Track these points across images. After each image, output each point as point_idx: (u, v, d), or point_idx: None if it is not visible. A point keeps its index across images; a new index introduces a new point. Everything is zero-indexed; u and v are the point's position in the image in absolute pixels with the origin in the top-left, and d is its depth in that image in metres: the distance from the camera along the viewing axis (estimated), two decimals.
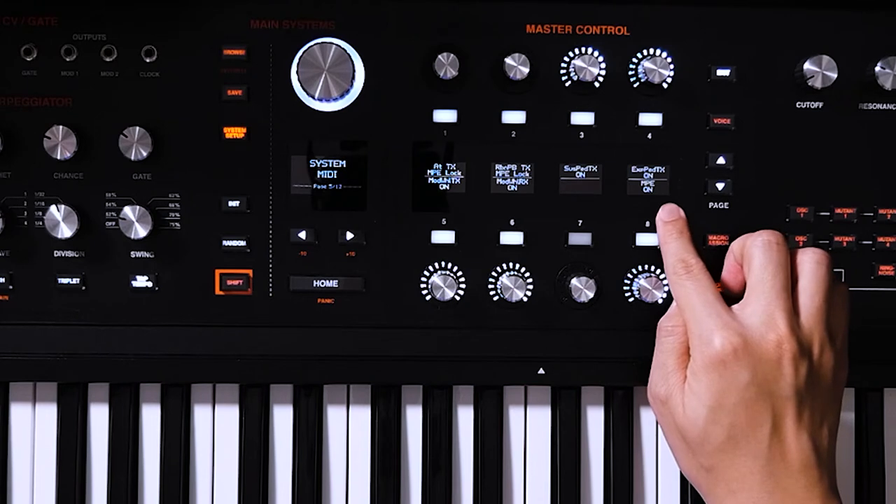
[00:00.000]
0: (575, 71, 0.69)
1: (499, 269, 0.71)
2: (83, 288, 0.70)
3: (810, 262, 0.65)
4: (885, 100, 0.71)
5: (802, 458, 0.61)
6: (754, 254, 0.65)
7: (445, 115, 0.70)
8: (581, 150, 0.71)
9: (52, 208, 0.68)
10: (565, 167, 0.71)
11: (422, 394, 0.75)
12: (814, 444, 0.62)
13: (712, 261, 0.70)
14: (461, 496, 0.75)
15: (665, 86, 0.70)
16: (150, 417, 0.74)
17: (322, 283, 0.71)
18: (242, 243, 0.70)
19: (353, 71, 0.68)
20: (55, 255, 0.70)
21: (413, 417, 0.75)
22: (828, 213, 0.72)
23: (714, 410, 0.62)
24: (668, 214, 0.69)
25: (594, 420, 0.76)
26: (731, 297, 0.67)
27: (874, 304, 0.73)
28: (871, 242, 0.72)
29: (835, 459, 0.64)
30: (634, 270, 0.72)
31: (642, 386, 0.74)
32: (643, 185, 0.71)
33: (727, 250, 0.69)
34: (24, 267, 0.70)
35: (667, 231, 0.68)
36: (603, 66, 0.69)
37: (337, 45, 0.68)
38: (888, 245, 0.72)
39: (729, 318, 0.63)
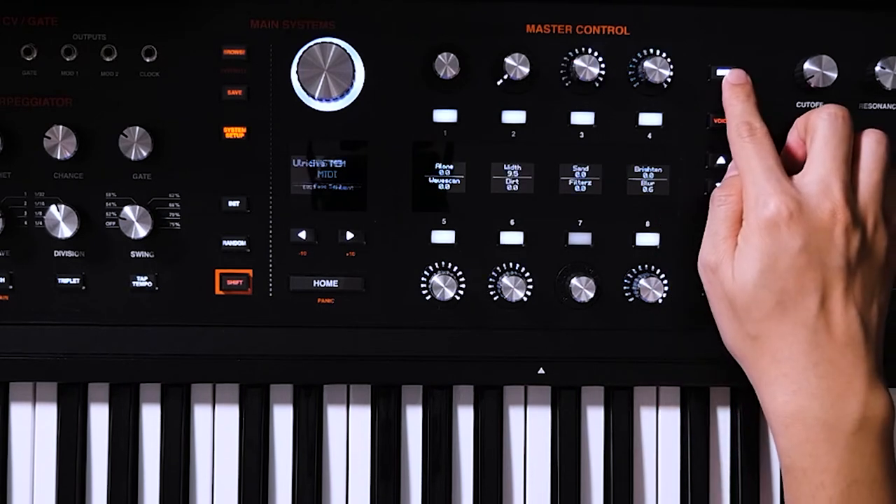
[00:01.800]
0: (575, 71, 0.69)
1: (499, 269, 0.71)
2: (83, 288, 0.70)
3: (871, 140, 0.66)
4: (886, 100, 0.71)
5: (850, 332, 0.62)
6: (818, 125, 0.65)
7: (445, 115, 0.70)
8: (581, 149, 0.71)
9: (52, 208, 0.68)
10: (565, 167, 0.71)
11: (422, 394, 0.75)
12: (862, 320, 0.62)
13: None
14: (461, 496, 0.75)
15: (665, 86, 0.70)
16: (150, 417, 0.74)
17: (322, 283, 0.71)
18: (242, 243, 0.71)
19: (353, 71, 0.68)
20: (55, 255, 0.70)
21: (413, 417, 0.75)
22: None
23: (764, 273, 0.62)
24: (737, 78, 0.68)
25: (594, 420, 0.76)
26: (791, 170, 0.67)
27: None
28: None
29: (882, 340, 0.64)
30: (634, 270, 0.72)
31: (642, 386, 0.75)
32: (643, 185, 0.71)
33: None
34: (24, 267, 0.70)
35: (734, 93, 0.67)
36: (603, 66, 0.69)
37: (337, 45, 0.68)
38: None
39: (787, 184, 0.63)
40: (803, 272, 0.61)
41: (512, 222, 0.71)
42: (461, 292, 0.71)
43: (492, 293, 0.71)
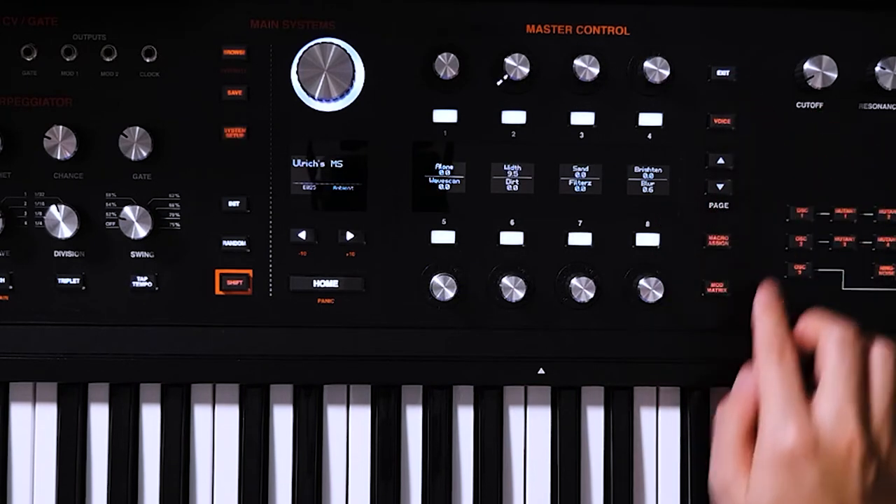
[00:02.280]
0: (575, 71, 0.69)
1: (499, 269, 0.72)
2: (83, 288, 0.71)
3: (880, 361, 0.67)
4: (886, 100, 0.72)
5: None
6: (829, 351, 0.66)
7: (445, 115, 0.71)
8: (581, 150, 0.71)
9: (52, 208, 0.69)
10: (565, 167, 0.71)
11: (422, 394, 0.75)
12: None
13: (712, 264, 0.72)
14: (461, 496, 0.75)
15: (665, 86, 0.70)
16: (150, 417, 0.74)
17: (322, 283, 0.71)
18: (242, 243, 0.71)
19: (353, 71, 0.69)
20: (55, 255, 0.71)
21: (413, 417, 0.75)
22: (828, 213, 0.72)
23: (779, 502, 0.62)
24: (769, 297, 0.69)
25: (594, 420, 0.76)
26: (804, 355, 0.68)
27: (874, 304, 0.73)
28: (871, 242, 0.72)
29: None
30: (634, 270, 0.72)
31: (642, 386, 0.75)
32: (643, 186, 0.71)
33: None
34: (24, 267, 0.71)
35: (766, 312, 0.68)
36: (603, 66, 0.69)
37: (337, 45, 0.68)
38: (888, 245, 0.72)
39: (806, 416, 0.63)
40: (819, 503, 0.62)
41: (512, 222, 0.72)
42: (461, 292, 0.71)
43: (492, 293, 0.72)
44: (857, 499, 0.62)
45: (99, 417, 0.74)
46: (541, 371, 0.73)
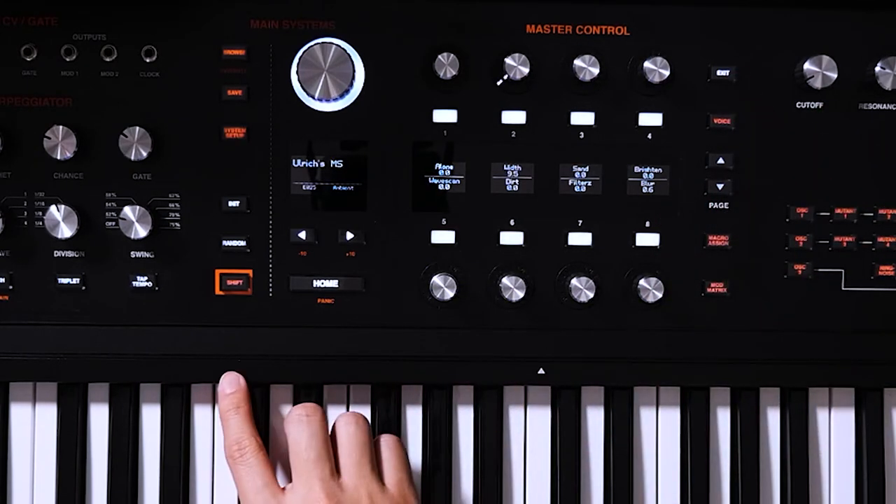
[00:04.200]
0: (575, 71, 0.69)
1: (499, 269, 0.72)
2: (83, 288, 0.71)
3: (343, 424, 0.70)
4: (886, 100, 0.72)
5: None
6: (288, 431, 0.69)
7: (445, 115, 0.71)
8: (581, 150, 0.72)
9: (52, 208, 0.69)
10: (565, 167, 0.72)
11: (422, 394, 0.76)
12: None
13: (712, 264, 0.72)
14: (461, 495, 0.75)
15: (665, 86, 0.70)
16: (150, 417, 0.75)
17: (322, 284, 0.72)
18: (242, 243, 0.71)
19: (353, 71, 0.69)
20: (55, 255, 0.71)
21: (413, 417, 0.75)
22: (828, 213, 0.73)
23: None
24: (229, 385, 0.71)
25: (594, 420, 0.76)
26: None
27: (874, 304, 0.74)
28: (871, 242, 0.73)
29: None
30: (634, 270, 0.72)
31: (643, 386, 0.76)
32: (643, 186, 0.72)
33: None
34: (24, 267, 0.71)
35: (225, 405, 0.70)
36: (603, 66, 0.70)
37: (337, 45, 0.69)
38: (888, 245, 0.73)
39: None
40: None
41: (512, 222, 0.72)
42: (461, 292, 0.72)
43: (492, 293, 0.72)
44: None
45: (99, 417, 0.74)
46: (541, 371, 0.73)
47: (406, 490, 0.69)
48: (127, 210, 0.69)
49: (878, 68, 0.70)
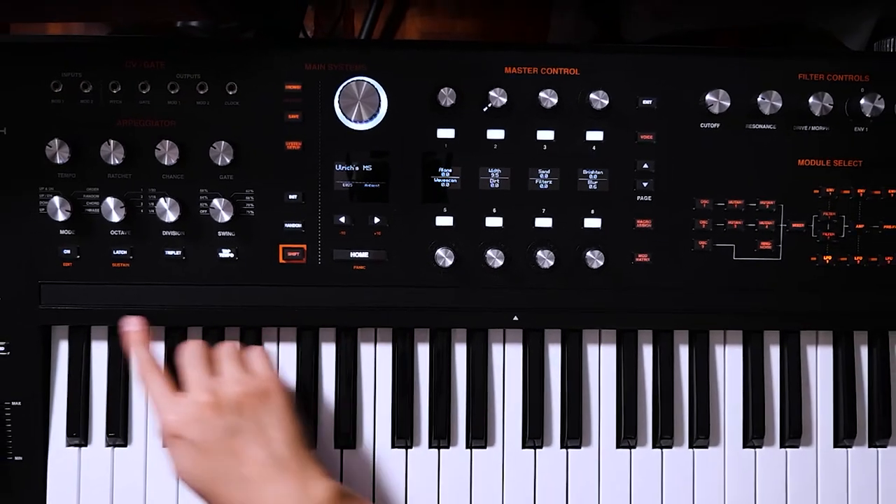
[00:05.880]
0: (540, 101, 0.78)
1: (485, 244, 0.80)
2: (183, 258, 0.80)
3: (222, 346, 0.75)
4: (765, 121, 0.81)
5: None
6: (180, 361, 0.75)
7: (446, 133, 0.80)
8: (544, 158, 0.80)
9: (161, 200, 0.78)
10: (533, 171, 0.80)
11: (429, 335, 0.83)
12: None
13: (639, 241, 0.80)
14: (458, 410, 0.83)
15: (605, 112, 0.79)
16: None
17: (357, 255, 0.80)
18: (299, 225, 0.80)
19: (379, 101, 0.79)
20: (163, 234, 0.79)
21: (422, 352, 0.83)
22: (723, 204, 0.82)
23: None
24: (128, 324, 0.76)
25: (554, 355, 0.84)
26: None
27: (756, 269, 0.82)
28: (754, 225, 0.82)
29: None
30: (583, 245, 0.81)
31: (589, 329, 0.84)
32: (589, 184, 0.81)
33: None
34: (141, 243, 0.80)
35: (131, 340, 0.75)
36: (560, 97, 0.78)
37: (367, 82, 0.78)
38: (766, 227, 0.82)
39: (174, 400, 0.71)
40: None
41: (494, 210, 0.80)
42: (458, 261, 0.80)
43: (480, 262, 0.80)
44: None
45: None
46: (515, 318, 0.82)
47: (269, 373, 0.74)
48: (215, 201, 0.78)
49: (759, 99, 0.79)
